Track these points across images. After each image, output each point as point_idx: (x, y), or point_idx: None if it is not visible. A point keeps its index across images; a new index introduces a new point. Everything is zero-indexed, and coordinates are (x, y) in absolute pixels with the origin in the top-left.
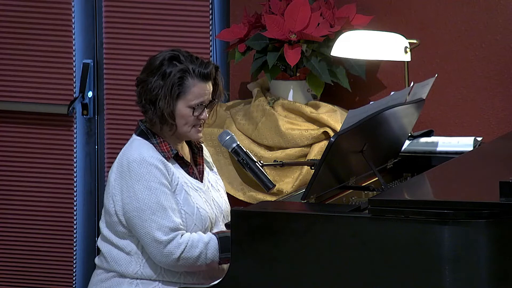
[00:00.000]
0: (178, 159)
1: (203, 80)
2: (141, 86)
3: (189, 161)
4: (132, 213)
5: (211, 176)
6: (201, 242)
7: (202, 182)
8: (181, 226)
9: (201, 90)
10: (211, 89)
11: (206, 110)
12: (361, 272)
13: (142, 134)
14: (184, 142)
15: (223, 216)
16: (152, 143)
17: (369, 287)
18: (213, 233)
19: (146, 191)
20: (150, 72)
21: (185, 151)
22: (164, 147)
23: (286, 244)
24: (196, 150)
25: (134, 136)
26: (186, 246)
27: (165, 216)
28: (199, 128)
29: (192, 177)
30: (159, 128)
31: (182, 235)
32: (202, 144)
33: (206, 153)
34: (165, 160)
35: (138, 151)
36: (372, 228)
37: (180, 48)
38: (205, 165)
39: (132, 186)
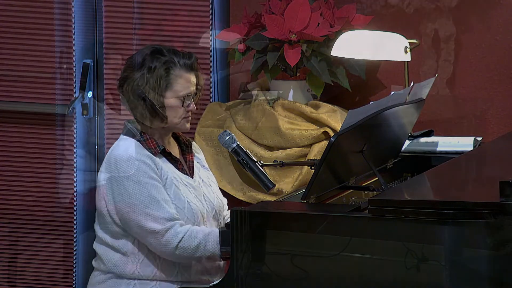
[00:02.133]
0: (166, 155)
1: (188, 71)
2: (126, 84)
3: (177, 157)
4: (125, 209)
5: (202, 172)
6: (201, 233)
7: (192, 178)
8: (177, 216)
9: (187, 80)
10: (196, 81)
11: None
12: (361, 272)
13: (128, 133)
14: (172, 139)
15: (215, 211)
16: (138, 141)
17: (369, 287)
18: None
19: (137, 186)
20: (134, 69)
21: (173, 148)
22: (151, 144)
23: (286, 244)
24: (184, 147)
25: (121, 136)
26: (184, 235)
27: (159, 208)
28: (188, 119)
29: (182, 172)
30: (149, 122)
31: (181, 225)
32: (193, 142)
33: (197, 149)
34: (153, 156)
35: (125, 149)
36: (372, 228)
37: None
38: (195, 161)
39: (122, 184)
